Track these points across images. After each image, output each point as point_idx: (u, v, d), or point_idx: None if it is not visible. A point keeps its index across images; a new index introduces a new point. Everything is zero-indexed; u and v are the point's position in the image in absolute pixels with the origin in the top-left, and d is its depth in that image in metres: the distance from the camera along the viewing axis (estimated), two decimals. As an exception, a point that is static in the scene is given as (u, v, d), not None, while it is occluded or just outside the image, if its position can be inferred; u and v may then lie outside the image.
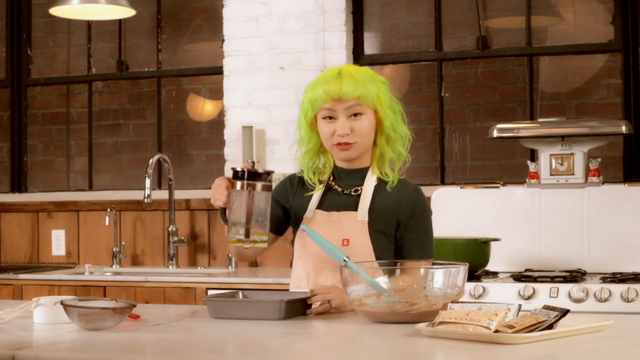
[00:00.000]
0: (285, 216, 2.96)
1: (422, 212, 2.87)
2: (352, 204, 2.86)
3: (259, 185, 2.66)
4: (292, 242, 2.94)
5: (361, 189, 2.86)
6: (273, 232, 2.90)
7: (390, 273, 2.56)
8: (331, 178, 2.92)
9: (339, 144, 2.82)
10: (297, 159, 2.94)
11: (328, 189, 2.91)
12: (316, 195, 2.90)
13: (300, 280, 2.89)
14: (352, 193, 2.87)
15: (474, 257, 4.13)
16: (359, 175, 2.88)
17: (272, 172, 2.72)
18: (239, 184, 2.66)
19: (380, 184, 2.88)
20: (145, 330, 2.44)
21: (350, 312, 2.68)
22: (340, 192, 2.89)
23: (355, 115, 2.80)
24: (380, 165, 2.89)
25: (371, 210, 2.83)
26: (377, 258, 2.78)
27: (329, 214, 2.85)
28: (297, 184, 2.95)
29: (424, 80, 5.05)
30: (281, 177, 3.13)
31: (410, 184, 2.92)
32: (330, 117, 2.81)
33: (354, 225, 2.81)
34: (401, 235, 2.84)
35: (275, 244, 2.99)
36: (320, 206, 2.88)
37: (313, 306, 2.67)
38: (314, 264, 2.85)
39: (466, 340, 2.14)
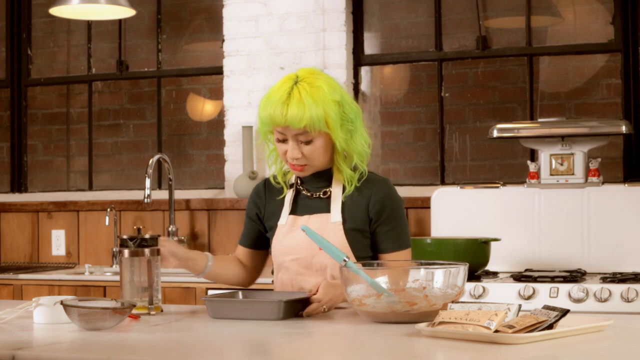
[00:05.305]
0: (263, 231, 2.98)
1: (392, 204, 2.85)
2: (323, 207, 2.86)
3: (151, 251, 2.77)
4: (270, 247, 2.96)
5: (330, 190, 2.86)
6: (255, 247, 2.99)
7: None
8: (299, 182, 2.92)
9: (292, 164, 2.82)
10: (266, 157, 2.94)
11: (297, 193, 2.91)
12: (287, 201, 2.90)
13: (284, 286, 2.91)
14: (322, 196, 2.87)
15: (474, 257, 4.13)
16: (325, 177, 2.88)
17: (159, 235, 2.81)
18: (127, 252, 2.76)
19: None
20: (145, 330, 2.44)
21: (350, 312, 2.68)
22: (310, 195, 2.89)
23: (306, 142, 2.76)
24: (343, 171, 2.84)
25: (343, 210, 2.83)
26: (355, 256, 2.79)
27: (302, 219, 2.86)
28: (264, 194, 2.96)
29: (424, 80, 5.05)
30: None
31: (378, 177, 2.89)
32: (282, 140, 2.79)
33: (329, 227, 2.82)
34: (375, 229, 2.84)
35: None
36: (293, 212, 2.89)
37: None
38: (296, 270, 2.86)
39: (466, 340, 2.15)
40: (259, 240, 2.99)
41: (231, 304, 2.68)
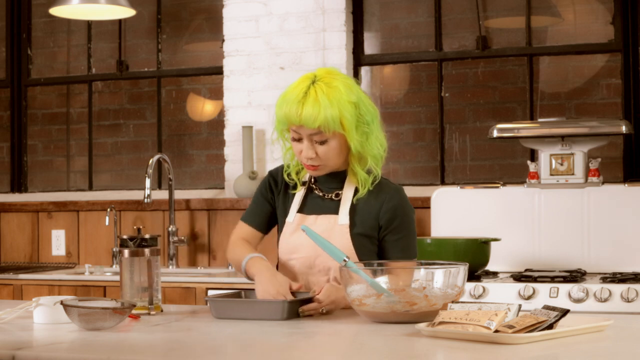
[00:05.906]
0: (273, 214, 2.97)
1: (403, 213, 2.85)
2: (333, 208, 2.85)
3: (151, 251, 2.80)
4: (277, 243, 2.95)
5: (342, 193, 2.86)
6: (261, 230, 2.96)
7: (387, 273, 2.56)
8: (312, 180, 2.91)
9: (306, 164, 2.81)
10: (282, 155, 2.94)
11: (309, 192, 2.91)
12: (297, 198, 2.89)
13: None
14: (333, 198, 2.87)
15: (474, 257, 4.13)
16: (339, 178, 2.88)
17: (158, 236, 2.84)
18: (127, 252, 2.79)
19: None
20: (145, 330, 2.44)
21: (350, 312, 2.68)
22: (322, 196, 2.88)
23: (321, 142, 2.76)
24: (357, 174, 2.84)
25: (353, 214, 2.83)
26: (360, 261, 2.78)
27: (310, 218, 2.85)
28: (281, 184, 2.95)
29: (424, 80, 5.05)
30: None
31: (392, 185, 2.89)
32: (298, 139, 2.79)
33: (335, 229, 2.81)
34: (383, 237, 2.84)
35: (270, 243, 3.01)
36: (301, 210, 2.88)
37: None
38: (299, 269, 2.86)
39: (466, 340, 2.15)
40: (268, 222, 2.96)
41: (234, 304, 2.68)
